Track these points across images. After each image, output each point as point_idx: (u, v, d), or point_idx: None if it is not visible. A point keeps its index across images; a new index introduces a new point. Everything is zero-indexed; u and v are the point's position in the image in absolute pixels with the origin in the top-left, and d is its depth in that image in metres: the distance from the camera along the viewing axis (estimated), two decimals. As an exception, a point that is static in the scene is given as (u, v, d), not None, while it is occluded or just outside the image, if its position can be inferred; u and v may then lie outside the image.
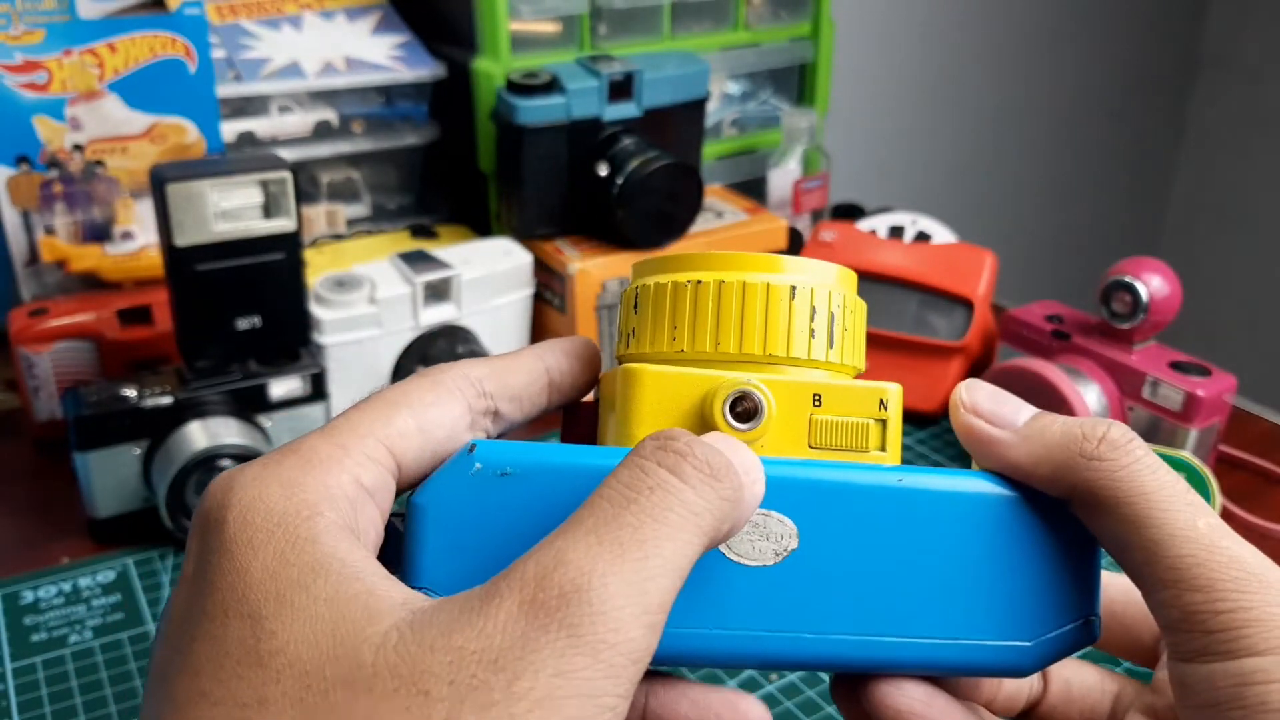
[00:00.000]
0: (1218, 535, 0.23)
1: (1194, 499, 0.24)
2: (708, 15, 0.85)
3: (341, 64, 0.77)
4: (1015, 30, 1.67)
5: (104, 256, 0.69)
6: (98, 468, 0.55)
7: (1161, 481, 0.24)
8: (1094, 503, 0.24)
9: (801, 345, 0.26)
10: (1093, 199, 1.92)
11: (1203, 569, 0.22)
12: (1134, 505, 0.23)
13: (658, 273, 0.27)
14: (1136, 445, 0.24)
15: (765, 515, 0.25)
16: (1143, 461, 0.24)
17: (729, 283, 0.26)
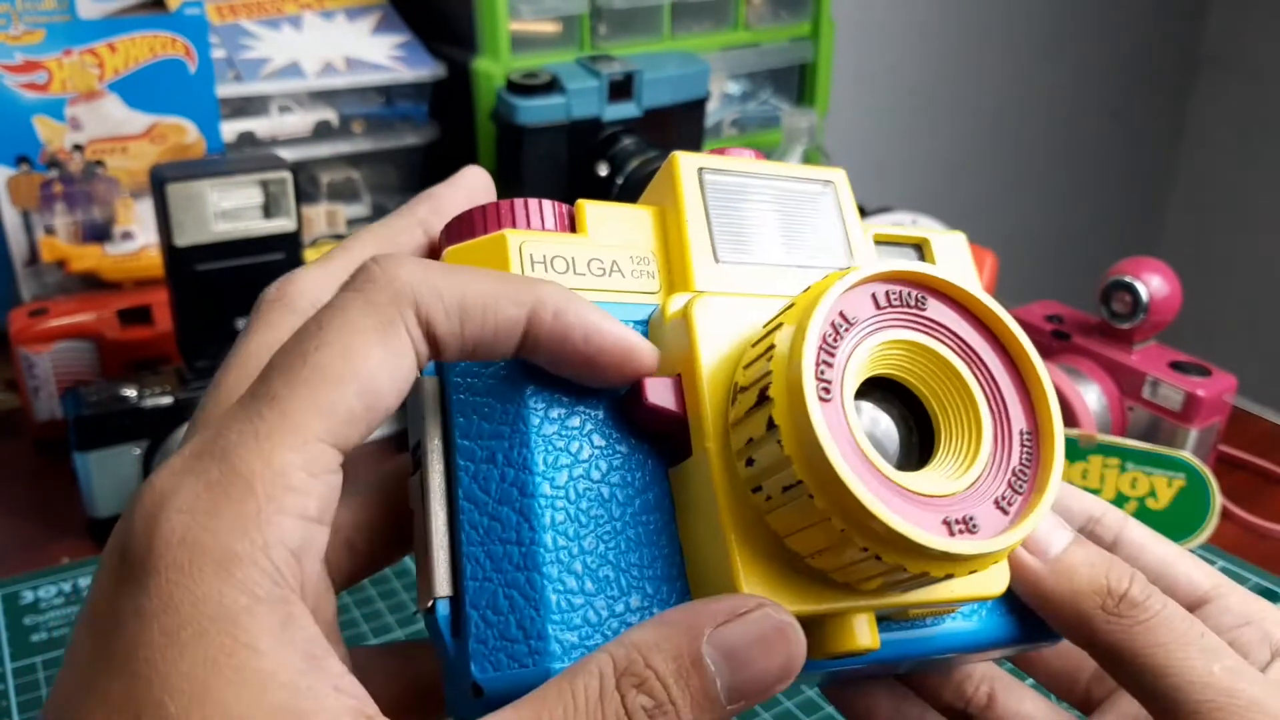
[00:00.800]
0: (1234, 679, 0.24)
1: (1211, 643, 0.24)
2: (708, 15, 0.85)
3: (341, 64, 0.77)
4: (1015, 30, 1.67)
5: (104, 256, 0.69)
6: (98, 468, 0.55)
7: (1177, 630, 0.24)
8: (1114, 657, 0.25)
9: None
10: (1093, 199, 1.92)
11: (1222, 713, 0.23)
12: (1152, 656, 0.24)
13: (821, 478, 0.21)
14: (1155, 600, 0.25)
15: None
16: (1161, 615, 0.24)
17: (891, 558, 0.20)
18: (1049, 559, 0.26)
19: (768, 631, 0.20)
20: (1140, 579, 0.25)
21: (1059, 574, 0.25)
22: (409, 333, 0.21)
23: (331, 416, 0.20)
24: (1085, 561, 0.25)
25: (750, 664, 0.20)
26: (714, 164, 0.27)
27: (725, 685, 0.20)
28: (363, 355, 0.20)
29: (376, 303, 0.21)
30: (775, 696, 0.46)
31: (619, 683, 0.19)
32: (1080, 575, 0.25)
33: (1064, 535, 0.26)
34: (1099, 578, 0.25)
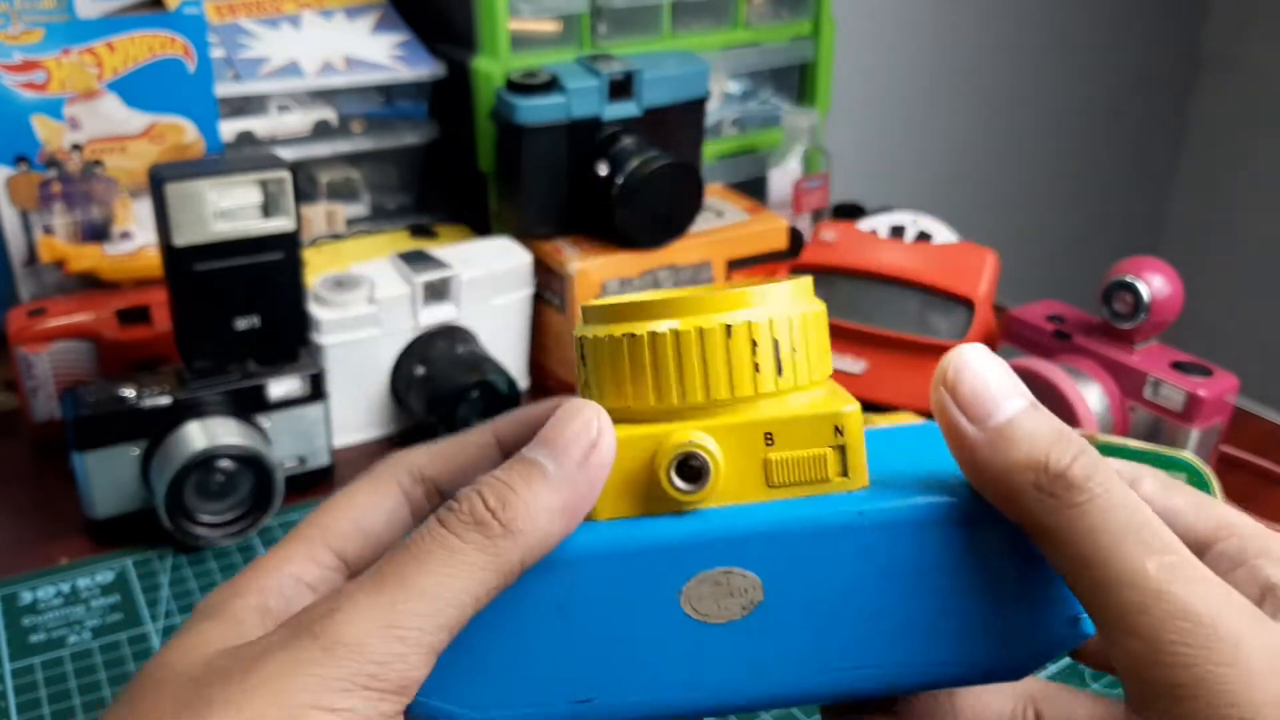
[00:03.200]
0: (1169, 579, 0.21)
1: (1152, 536, 0.22)
2: (708, 14, 0.85)
3: (341, 63, 0.77)
4: (1016, 30, 1.67)
5: (103, 256, 0.69)
6: (96, 468, 0.55)
7: (1114, 518, 0.22)
8: (1042, 539, 0.23)
9: (745, 383, 0.25)
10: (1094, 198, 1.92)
11: (1146, 617, 0.21)
12: (1081, 544, 0.22)
13: (595, 323, 0.27)
14: (1096, 483, 0.22)
15: (726, 572, 0.25)
16: (1099, 500, 0.22)
17: (660, 334, 0.25)
18: (992, 423, 0.24)
19: (567, 412, 0.25)
20: (1087, 457, 0.23)
21: (996, 444, 0.23)
22: (397, 482, 0.29)
23: (328, 530, 0.27)
24: (1028, 433, 0.23)
25: (558, 438, 0.25)
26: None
27: (548, 460, 0.24)
28: (357, 493, 0.28)
29: (373, 469, 0.29)
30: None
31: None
32: (1019, 447, 0.23)
33: (1015, 402, 0.24)
34: (1039, 452, 0.23)
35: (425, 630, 0.23)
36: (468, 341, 0.67)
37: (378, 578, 0.23)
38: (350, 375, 0.65)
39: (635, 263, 0.71)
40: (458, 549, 0.23)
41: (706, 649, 0.25)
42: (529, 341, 0.73)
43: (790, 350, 0.26)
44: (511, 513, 0.24)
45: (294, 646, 0.22)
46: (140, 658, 0.49)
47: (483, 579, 0.23)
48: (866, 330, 0.69)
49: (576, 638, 0.25)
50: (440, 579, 0.23)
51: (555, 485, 0.24)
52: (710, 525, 0.25)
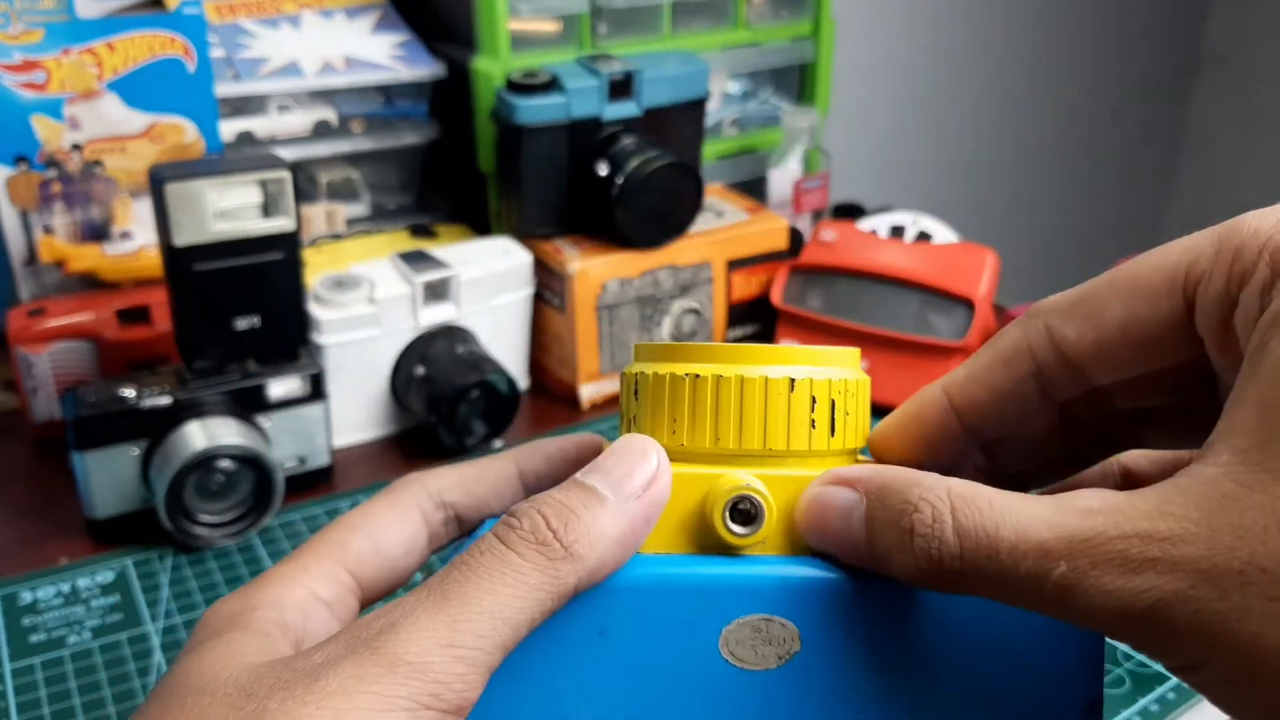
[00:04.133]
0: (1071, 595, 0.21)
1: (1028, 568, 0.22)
2: (708, 14, 0.85)
3: (341, 63, 0.77)
4: (1016, 30, 1.67)
5: (102, 256, 0.69)
6: (96, 468, 0.55)
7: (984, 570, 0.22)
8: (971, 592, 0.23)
9: (801, 437, 0.26)
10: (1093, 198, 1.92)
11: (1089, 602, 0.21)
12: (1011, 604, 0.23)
13: (658, 360, 0.27)
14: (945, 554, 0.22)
15: (767, 620, 0.25)
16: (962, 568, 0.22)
17: (727, 378, 0.26)
18: (867, 556, 0.24)
19: (624, 445, 0.25)
20: (920, 543, 0.23)
21: (884, 567, 0.24)
22: (417, 507, 0.29)
23: (345, 550, 0.28)
24: (886, 546, 0.23)
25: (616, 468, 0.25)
26: None
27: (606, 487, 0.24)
28: (376, 514, 0.28)
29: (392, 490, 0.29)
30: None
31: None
32: (894, 564, 0.23)
33: (858, 516, 0.24)
34: (907, 562, 0.23)
35: (485, 650, 0.22)
36: (468, 341, 0.67)
37: (439, 594, 0.23)
38: (350, 375, 0.65)
39: (635, 263, 0.71)
40: (518, 568, 0.23)
41: (738, 696, 0.25)
42: (529, 341, 0.73)
43: (844, 413, 0.26)
44: (574, 535, 0.23)
45: (355, 662, 0.22)
46: (140, 658, 0.49)
47: (539, 600, 0.23)
48: (866, 330, 0.69)
49: (614, 666, 0.25)
50: (501, 598, 0.23)
51: (614, 514, 0.24)
52: (757, 569, 0.25)
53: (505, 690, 0.25)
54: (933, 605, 0.25)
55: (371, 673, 0.22)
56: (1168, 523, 0.20)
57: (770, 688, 0.25)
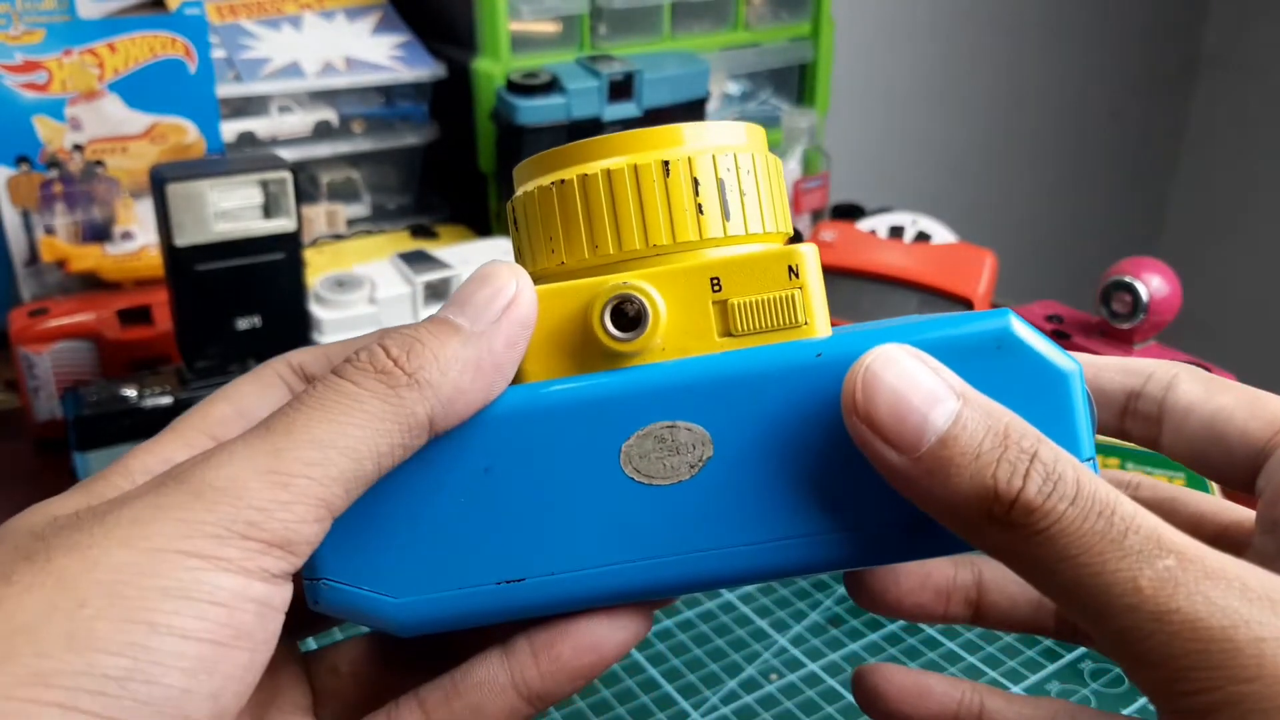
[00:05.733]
0: (1169, 594, 0.18)
1: (1138, 543, 0.19)
2: (708, 15, 0.85)
3: (341, 64, 0.77)
4: (1016, 29, 1.67)
5: (104, 256, 0.69)
6: (97, 468, 0.55)
7: (1091, 532, 0.19)
8: (1018, 571, 0.20)
9: (687, 226, 0.22)
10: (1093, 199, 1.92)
11: (1151, 642, 0.18)
12: (1058, 575, 0.19)
13: (527, 178, 0.24)
14: (1058, 497, 0.19)
15: (671, 427, 0.22)
16: (1066, 518, 0.19)
17: (592, 175, 0.23)
18: (922, 449, 0.20)
19: (482, 271, 0.23)
20: (1042, 466, 0.19)
21: (934, 472, 0.20)
22: (279, 375, 0.27)
23: (206, 416, 0.26)
24: (968, 451, 0.19)
25: (471, 295, 0.23)
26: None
27: (459, 314, 0.22)
28: (239, 385, 0.27)
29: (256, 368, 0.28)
30: (775, 697, 0.46)
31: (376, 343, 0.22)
32: (961, 474, 0.19)
33: (944, 410, 0.20)
34: (984, 475, 0.19)
35: (314, 480, 0.20)
36: (468, 341, 0.67)
37: (263, 428, 0.21)
38: (351, 375, 0.65)
39: (635, 263, 0.71)
40: (354, 395, 0.21)
41: (651, 515, 0.22)
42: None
43: (739, 193, 0.23)
44: (418, 361, 0.21)
45: (155, 492, 0.20)
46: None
47: (383, 429, 0.21)
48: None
49: (505, 507, 0.23)
50: (334, 426, 0.20)
51: (467, 340, 0.22)
52: (652, 375, 0.22)
53: (387, 547, 0.22)
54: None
55: (174, 500, 0.19)
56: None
57: (688, 501, 0.22)
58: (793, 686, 0.47)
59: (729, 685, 0.47)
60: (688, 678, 0.47)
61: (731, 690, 0.47)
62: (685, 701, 0.46)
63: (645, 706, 0.46)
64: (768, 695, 0.47)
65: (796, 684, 0.47)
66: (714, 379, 0.22)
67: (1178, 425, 0.23)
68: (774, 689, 0.47)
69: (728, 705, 0.46)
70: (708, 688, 0.47)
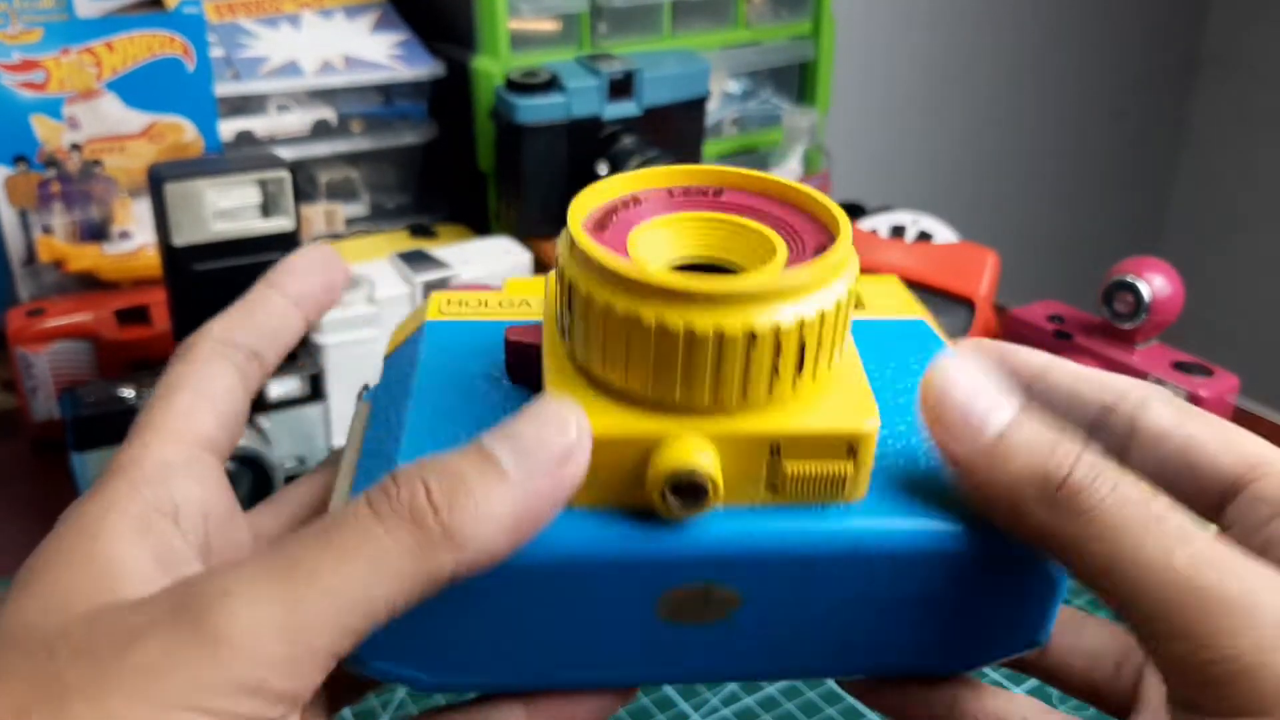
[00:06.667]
0: (1200, 568, 0.20)
1: (1173, 527, 0.21)
2: (708, 13, 0.85)
3: (340, 63, 0.77)
4: (1016, 29, 1.67)
5: (102, 256, 0.69)
6: (95, 468, 0.55)
7: (1130, 515, 0.21)
8: (1059, 552, 0.22)
9: (760, 390, 0.22)
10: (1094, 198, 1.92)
11: (1183, 614, 0.20)
12: (1098, 553, 0.21)
13: (592, 272, 0.22)
14: (1102, 482, 0.21)
15: (708, 586, 0.23)
16: (1108, 501, 0.21)
17: (672, 330, 0.21)
18: (983, 441, 0.22)
19: (542, 409, 0.22)
20: (1089, 459, 0.21)
21: (994, 460, 0.22)
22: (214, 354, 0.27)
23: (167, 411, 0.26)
24: (1025, 443, 0.22)
25: (526, 436, 0.21)
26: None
27: (510, 458, 0.21)
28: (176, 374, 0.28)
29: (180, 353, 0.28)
30: (775, 699, 0.46)
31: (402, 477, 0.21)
32: (1016, 460, 0.22)
33: (1005, 412, 0.22)
34: (1038, 462, 0.21)
35: (331, 636, 0.20)
36: (467, 341, 0.67)
37: (285, 564, 0.20)
38: (350, 375, 0.64)
39: (635, 262, 0.71)
40: (383, 548, 0.20)
41: (676, 644, 0.24)
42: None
43: (816, 348, 0.22)
44: (458, 518, 0.20)
45: (173, 633, 0.19)
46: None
47: (404, 588, 0.20)
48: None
49: (543, 627, 0.24)
50: (354, 581, 0.20)
51: (512, 492, 0.21)
52: (697, 541, 0.23)
53: (427, 636, 0.23)
54: (893, 567, 0.23)
55: (189, 652, 0.19)
56: None
57: (712, 636, 0.24)
58: (793, 688, 0.47)
59: (729, 686, 0.47)
60: (688, 679, 0.47)
61: (732, 691, 0.46)
62: (686, 703, 0.46)
63: (645, 708, 0.46)
64: (768, 696, 0.46)
65: (797, 685, 0.47)
66: (754, 554, 0.23)
67: (1149, 447, 0.24)
68: (774, 690, 0.47)
69: (728, 706, 0.46)
70: (708, 688, 0.46)
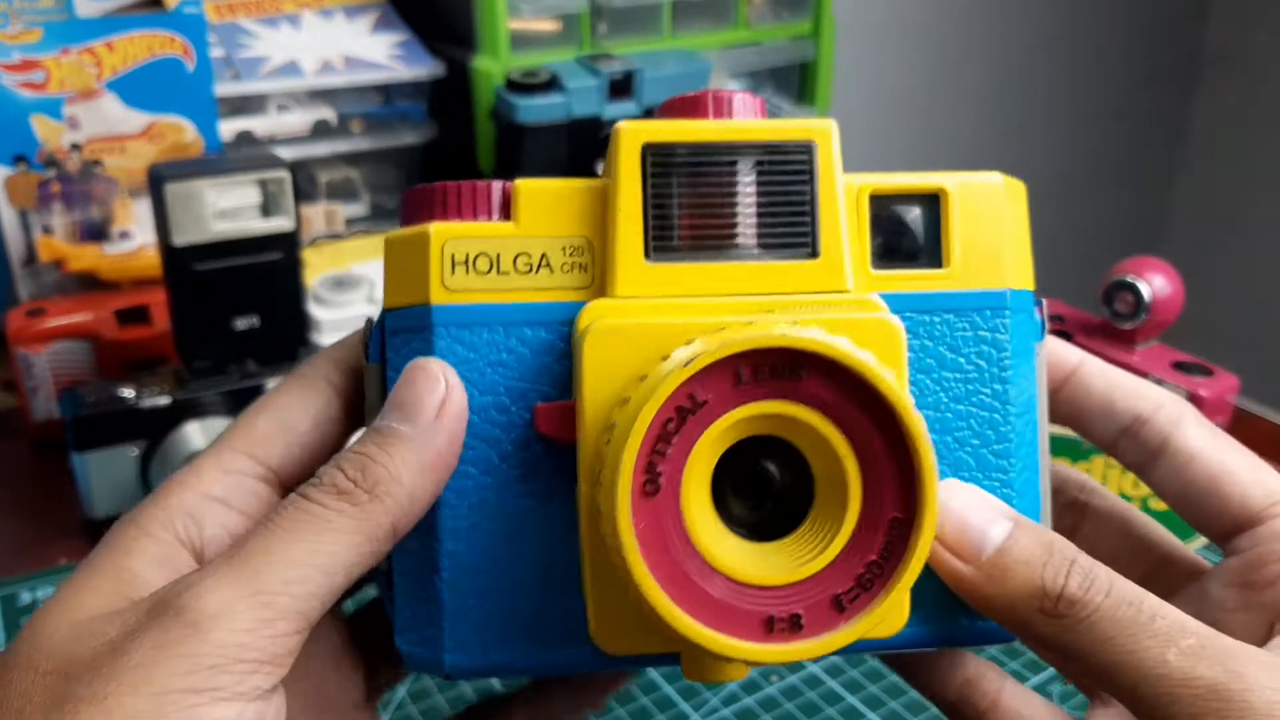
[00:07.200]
0: (1192, 663, 0.21)
1: (1166, 626, 0.22)
2: (708, 13, 0.85)
3: (340, 63, 0.77)
4: (1016, 29, 1.67)
5: (102, 256, 0.69)
6: (95, 468, 0.55)
7: (1122, 621, 0.22)
8: (1064, 657, 0.23)
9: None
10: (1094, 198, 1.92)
11: (1180, 705, 0.21)
12: (1101, 654, 0.22)
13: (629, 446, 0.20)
14: (1096, 590, 0.23)
15: None
16: (1104, 607, 0.22)
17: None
18: (982, 561, 0.23)
19: (414, 375, 0.24)
20: (1080, 569, 0.23)
21: (993, 578, 0.23)
22: (325, 380, 0.27)
23: (248, 435, 0.26)
24: (1021, 560, 0.23)
25: (408, 400, 0.24)
26: (665, 135, 0.25)
27: (401, 422, 0.24)
28: (280, 394, 0.27)
29: (298, 370, 0.28)
30: (775, 699, 0.46)
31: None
32: (1015, 577, 0.23)
33: (1000, 528, 0.24)
34: (1034, 577, 0.23)
35: (294, 596, 0.22)
36: (467, 341, 0.67)
37: (241, 551, 0.23)
38: (350, 375, 0.64)
39: (635, 262, 0.71)
40: (323, 515, 0.23)
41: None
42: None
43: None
44: (373, 478, 0.23)
45: (157, 627, 0.22)
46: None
47: (352, 543, 0.23)
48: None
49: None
50: (308, 546, 0.23)
51: (412, 445, 0.24)
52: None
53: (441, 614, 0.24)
54: None
55: (173, 636, 0.21)
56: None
57: None
58: (793, 688, 0.47)
59: (730, 686, 0.47)
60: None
61: (732, 692, 0.46)
62: (686, 703, 0.46)
63: (645, 708, 0.46)
64: (768, 697, 0.46)
65: (797, 685, 0.47)
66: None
67: (1178, 466, 0.26)
68: (775, 690, 0.47)
69: (728, 707, 0.46)
70: (708, 689, 0.46)
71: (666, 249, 0.24)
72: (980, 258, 0.24)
